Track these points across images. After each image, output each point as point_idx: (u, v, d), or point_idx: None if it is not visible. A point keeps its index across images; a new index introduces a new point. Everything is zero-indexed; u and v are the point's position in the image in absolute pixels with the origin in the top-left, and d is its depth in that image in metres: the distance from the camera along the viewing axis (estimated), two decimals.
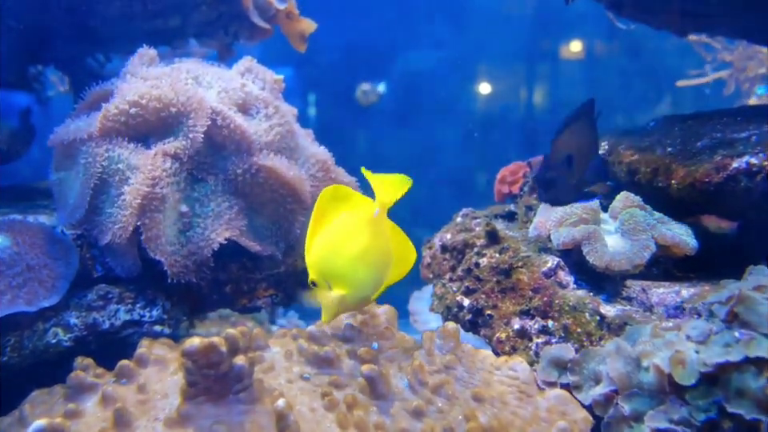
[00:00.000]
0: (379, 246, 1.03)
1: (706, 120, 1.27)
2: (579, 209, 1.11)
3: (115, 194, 1.21)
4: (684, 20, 1.79)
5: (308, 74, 3.65)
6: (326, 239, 1.02)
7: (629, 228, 1.08)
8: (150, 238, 1.18)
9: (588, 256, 1.05)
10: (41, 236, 1.25)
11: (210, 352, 0.87)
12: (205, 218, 1.27)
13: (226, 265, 1.36)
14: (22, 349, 1.15)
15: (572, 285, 1.08)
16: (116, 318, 1.24)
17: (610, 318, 1.01)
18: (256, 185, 1.30)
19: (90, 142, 1.24)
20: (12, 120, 1.64)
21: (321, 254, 1.01)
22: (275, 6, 1.74)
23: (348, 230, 1.02)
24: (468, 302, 1.15)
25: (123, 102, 1.24)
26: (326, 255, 1.01)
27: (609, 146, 1.35)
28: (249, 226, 1.32)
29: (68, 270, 1.24)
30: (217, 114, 1.27)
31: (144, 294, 1.29)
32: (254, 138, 1.30)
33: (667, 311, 1.01)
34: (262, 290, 1.44)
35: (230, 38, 1.86)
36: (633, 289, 1.06)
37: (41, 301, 1.17)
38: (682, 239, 1.07)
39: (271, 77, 1.48)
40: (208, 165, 1.30)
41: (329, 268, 1.01)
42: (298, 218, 1.35)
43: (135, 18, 1.50)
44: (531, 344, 1.05)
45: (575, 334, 1.01)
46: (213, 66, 1.45)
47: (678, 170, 1.11)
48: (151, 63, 1.39)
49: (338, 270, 1.01)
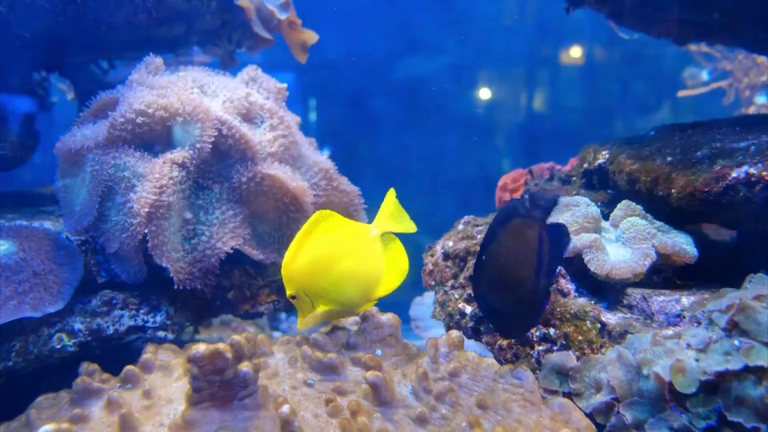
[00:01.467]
0: (370, 265, 1.05)
1: (706, 129, 1.28)
2: (581, 217, 1.13)
3: (121, 201, 1.22)
4: (684, 29, 1.81)
5: (310, 79, 3.67)
6: (314, 256, 1.02)
7: (630, 237, 1.10)
8: (156, 245, 1.19)
9: (589, 264, 1.06)
10: (46, 242, 1.27)
11: (216, 358, 0.88)
12: (210, 226, 1.28)
13: (229, 271, 1.37)
14: (27, 354, 1.16)
15: (573, 293, 1.09)
16: (120, 324, 1.25)
17: (611, 326, 1.02)
18: (260, 193, 1.31)
19: (97, 150, 1.25)
20: (16, 126, 1.66)
21: (307, 270, 1.01)
22: (277, 16, 1.75)
23: (339, 249, 1.03)
24: (470, 310, 1.16)
25: (130, 111, 1.26)
26: (312, 272, 1.01)
27: (609, 155, 1.36)
28: (252, 233, 1.33)
29: (73, 276, 1.25)
30: (222, 123, 1.28)
31: (148, 300, 1.30)
32: (258, 148, 1.31)
33: (668, 319, 1.02)
34: (265, 295, 1.45)
35: (234, 46, 1.88)
36: (634, 297, 1.07)
37: (46, 307, 1.18)
38: (682, 248, 1.08)
39: (275, 85, 1.49)
40: (213, 173, 1.31)
41: (315, 285, 1.02)
42: (300, 226, 1.36)
43: (140, 26, 1.52)
44: (533, 351, 1.05)
45: (576, 342, 1.02)
46: (218, 74, 1.46)
47: (678, 179, 1.12)
48: (157, 71, 1.40)
49: (325, 287, 1.02)
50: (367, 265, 1.05)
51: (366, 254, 1.05)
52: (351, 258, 1.04)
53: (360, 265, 1.05)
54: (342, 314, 1.07)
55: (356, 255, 1.04)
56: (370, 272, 1.05)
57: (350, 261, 1.04)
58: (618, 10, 1.67)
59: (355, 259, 1.04)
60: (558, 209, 1.19)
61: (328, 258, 1.03)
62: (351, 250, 1.04)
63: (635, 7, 1.61)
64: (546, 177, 1.69)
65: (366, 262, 1.05)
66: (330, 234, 1.04)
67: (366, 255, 1.05)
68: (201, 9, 1.63)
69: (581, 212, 1.14)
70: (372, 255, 1.05)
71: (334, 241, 1.04)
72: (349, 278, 1.03)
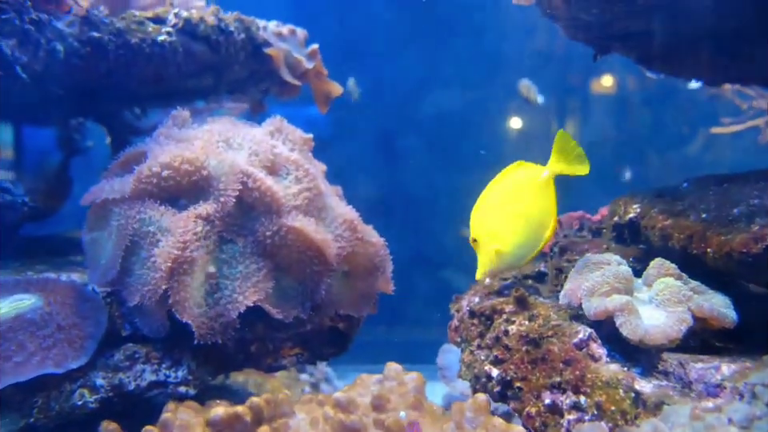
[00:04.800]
0: (541, 208, 1.16)
1: (742, 183, 1.23)
2: (611, 277, 1.09)
3: (146, 255, 1.22)
4: (716, 73, 1.77)
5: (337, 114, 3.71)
6: (492, 198, 1.16)
7: (664, 299, 1.05)
8: (177, 301, 1.19)
9: (621, 328, 1.02)
10: (72, 295, 1.27)
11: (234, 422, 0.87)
12: (233, 280, 1.27)
13: (251, 323, 1.36)
14: (48, 410, 1.16)
15: (605, 357, 1.05)
16: (142, 379, 1.24)
17: (646, 396, 0.97)
18: (284, 246, 1.30)
19: (123, 204, 1.26)
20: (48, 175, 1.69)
21: (486, 210, 1.16)
22: (304, 65, 1.77)
23: (514, 190, 1.16)
24: (497, 373, 1.12)
25: (156, 164, 1.27)
26: (490, 211, 1.15)
27: (641, 209, 1.32)
28: (275, 286, 1.32)
29: (97, 330, 1.25)
30: (247, 176, 1.29)
31: (170, 354, 1.29)
32: (283, 201, 1.31)
33: (707, 389, 0.97)
34: (288, 348, 1.43)
35: (262, 94, 1.90)
36: (669, 363, 1.02)
37: (69, 362, 1.18)
38: (720, 312, 1.03)
39: (300, 137, 1.50)
40: (237, 226, 1.31)
41: (492, 224, 1.14)
42: (323, 279, 1.34)
43: (170, 79, 1.55)
44: (563, 420, 1.01)
45: (609, 412, 0.97)
46: (244, 125, 1.47)
47: (714, 238, 1.07)
48: (184, 124, 1.42)
49: (500, 226, 1.14)
50: (537, 208, 1.16)
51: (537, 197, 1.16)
52: (524, 201, 1.16)
53: (532, 208, 1.16)
54: (514, 259, 1.18)
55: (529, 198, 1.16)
56: (541, 215, 1.16)
57: (524, 204, 1.15)
58: (646, 55, 1.65)
59: (529, 203, 1.15)
60: (588, 267, 1.15)
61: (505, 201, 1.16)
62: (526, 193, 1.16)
63: (664, 53, 1.58)
64: (575, 227, 1.65)
65: (536, 206, 1.16)
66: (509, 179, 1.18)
67: (537, 198, 1.16)
68: (229, 60, 1.66)
69: (611, 271, 1.10)
70: (542, 198, 1.16)
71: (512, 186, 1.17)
72: (523, 220, 1.15)
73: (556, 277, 1.35)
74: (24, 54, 1.29)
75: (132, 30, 1.50)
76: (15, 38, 1.27)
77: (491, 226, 1.15)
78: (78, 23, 1.40)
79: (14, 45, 1.26)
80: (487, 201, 1.17)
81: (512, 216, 1.15)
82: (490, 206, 1.17)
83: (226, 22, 1.65)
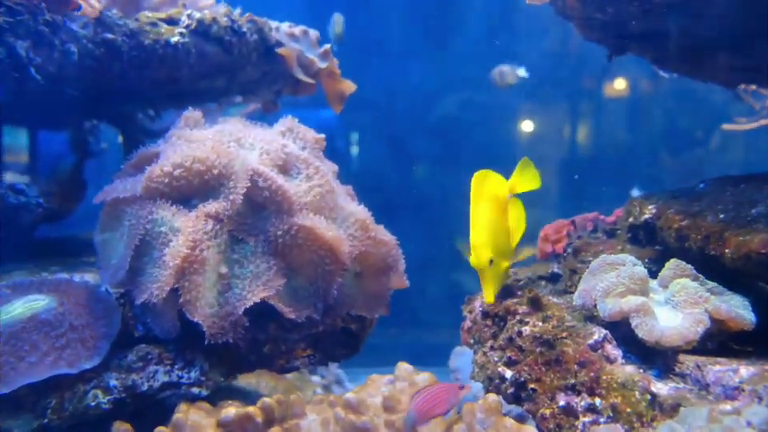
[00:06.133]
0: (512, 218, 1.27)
1: (761, 183, 1.21)
2: (626, 278, 1.07)
3: (158, 255, 1.22)
4: (732, 74, 1.75)
5: (350, 117, 3.72)
6: (484, 218, 1.22)
7: (680, 300, 1.03)
8: (188, 300, 1.19)
9: (637, 330, 1.00)
10: (85, 295, 1.28)
11: (246, 422, 0.86)
12: (243, 279, 1.27)
13: (264, 324, 1.35)
14: (62, 411, 1.16)
15: (620, 359, 1.03)
16: (154, 380, 1.24)
17: (663, 398, 0.95)
18: (295, 245, 1.30)
19: (135, 204, 1.26)
20: (62, 177, 1.70)
21: (486, 231, 1.20)
22: (317, 65, 1.77)
23: (496, 206, 1.24)
24: (510, 374, 1.11)
25: (167, 164, 1.27)
26: (489, 232, 1.20)
27: (656, 209, 1.30)
28: (287, 286, 1.31)
29: (110, 331, 1.25)
30: (258, 175, 1.28)
31: (183, 355, 1.29)
32: (294, 199, 1.30)
33: (725, 392, 0.95)
34: (300, 349, 1.43)
35: (274, 95, 1.90)
36: (686, 365, 1.01)
37: (82, 362, 1.18)
38: (738, 313, 1.01)
39: (312, 136, 1.49)
40: (249, 225, 1.31)
41: (495, 243, 1.20)
42: (335, 278, 1.34)
43: (182, 80, 1.55)
44: (578, 422, 0.99)
45: (625, 414, 0.95)
46: (255, 126, 1.47)
47: (731, 238, 1.05)
48: (196, 125, 1.43)
49: (501, 243, 1.21)
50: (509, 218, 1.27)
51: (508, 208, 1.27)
52: (504, 214, 1.25)
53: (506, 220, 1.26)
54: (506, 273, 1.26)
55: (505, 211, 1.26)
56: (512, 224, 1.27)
57: (504, 217, 1.26)
58: (662, 56, 1.63)
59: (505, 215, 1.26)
60: (603, 268, 1.14)
61: (494, 218, 1.23)
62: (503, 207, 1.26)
63: (680, 54, 1.56)
64: (589, 228, 1.63)
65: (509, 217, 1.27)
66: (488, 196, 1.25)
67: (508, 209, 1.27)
68: (242, 61, 1.66)
69: (626, 272, 1.08)
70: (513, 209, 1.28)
71: (494, 202, 1.24)
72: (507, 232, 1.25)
73: (570, 278, 1.34)
74: (38, 56, 1.30)
75: (145, 31, 1.51)
76: (29, 39, 1.28)
77: (496, 244, 1.20)
78: (91, 25, 1.41)
79: (28, 46, 1.27)
80: (481, 222, 1.22)
81: (502, 231, 1.23)
82: (487, 227, 1.21)
83: (238, 23, 1.65)
